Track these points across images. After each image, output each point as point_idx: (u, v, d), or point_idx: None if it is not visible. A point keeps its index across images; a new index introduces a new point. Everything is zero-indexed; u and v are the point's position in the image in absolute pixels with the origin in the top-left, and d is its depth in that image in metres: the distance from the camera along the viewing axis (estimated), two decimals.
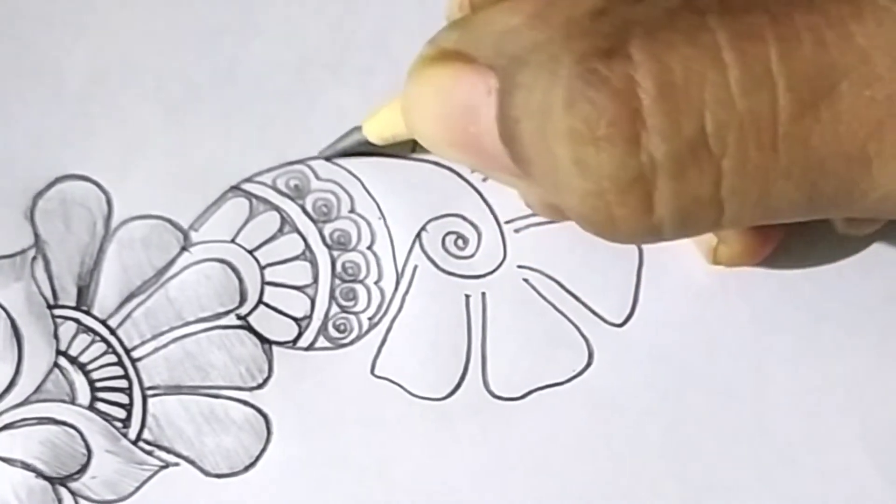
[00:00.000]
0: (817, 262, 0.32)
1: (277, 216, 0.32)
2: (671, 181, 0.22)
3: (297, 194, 0.32)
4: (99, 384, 0.31)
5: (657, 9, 0.22)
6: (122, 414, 0.31)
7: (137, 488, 0.31)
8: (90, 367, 0.31)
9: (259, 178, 0.32)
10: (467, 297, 0.32)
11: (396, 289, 0.32)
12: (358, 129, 0.31)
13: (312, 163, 0.33)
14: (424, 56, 0.25)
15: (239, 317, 0.32)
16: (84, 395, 0.31)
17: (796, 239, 0.32)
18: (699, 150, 0.22)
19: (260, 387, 0.31)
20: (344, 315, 0.32)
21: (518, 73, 0.23)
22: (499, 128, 0.24)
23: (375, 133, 0.31)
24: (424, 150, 0.31)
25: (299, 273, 0.32)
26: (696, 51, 0.22)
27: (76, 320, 0.31)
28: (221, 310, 0.32)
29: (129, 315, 0.32)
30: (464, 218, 0.32)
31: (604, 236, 0.24)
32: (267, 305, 0.32)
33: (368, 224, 0.32)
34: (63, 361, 0.31)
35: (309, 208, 0.32)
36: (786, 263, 0.32)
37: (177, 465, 0.31)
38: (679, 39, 0.22)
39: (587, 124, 0.22)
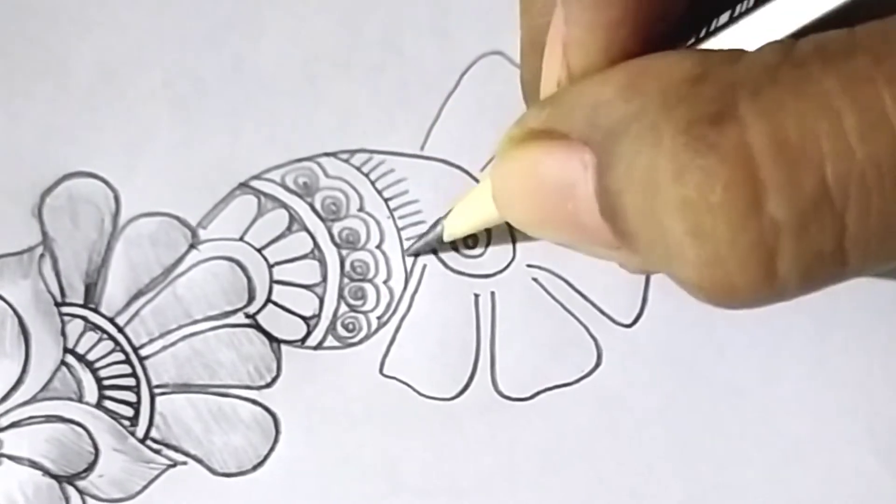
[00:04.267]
0: None
1: (286, 214, 0.32)
2: (794, 240, 0.22)
3: (305, 192, 0.32)
4: (106, 382, 0.31)
5: (757, 68, 0.22)
6: (129, 412, 0.31)
7: (145, 487, 0.31)
8: (98, 364, 0.31)
9: (267, 176, 0.32)
10: (476, 296, 0.32)
11: (405, 288, 0.32)
12: (440, 222, 0.31)
13: (321, 160, 0.32)
14: (512, 136, 0.25)
15: (247, 315, 0.32)
16: (91, 393, 0.31)
17: None
18: (821, 204, 0.21)
19: (268, 386, 0.31)
20: (353, 314, 0.32)
21: (616, 145, 0.22)
22: (599, 203, 0.23)
23: (459, 224, 0.31)
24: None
25: (308, 272, 0.32)
26: (806, 104, 0.21)
27: (84, 318, 0.31)
28: (229, 308, 0.32)
29: (136, 313, 0.31)
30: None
31: (723, 305, 0.23)
32: (275, 304, 0.32)
33: (377, 223, 0.32)
34: (70, 359, 0.31)
35: (318, 206, 0.32)
36: None
37: (184, 463, 0.31)
38: (787, 95, 0.21)
39: (701, 193, 0.21)
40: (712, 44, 0.24)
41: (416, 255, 0.32)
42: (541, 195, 0.24)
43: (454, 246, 0.32)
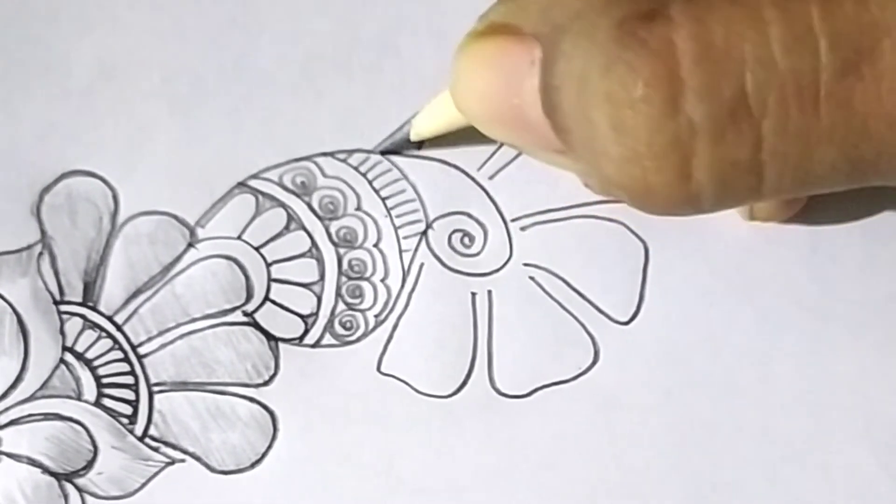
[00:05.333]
0: (821, 260, 0.32)
1: (284, 213, 0.32)
2: (710, 145, 0.22)
3: (303, 191, 0.32)
4: (105, 380, 0.31)
5: None
6: (128, 410, 0.31)
7: (143, 484, 0.31)
8: (96, 363, 0.31)
9: (265, 175, 0.32)
10: (473, 294, 0.32)
11: (403, 286, 0.32)
12: (409, 121, 0.31)
13: (319, 159, 0.33)
14: (473, 31, 0.25)
15: (245, 313, 0.32)
16: (90, 391, 0.31)
17: (800, 238, 0.32)
18: (739, 111, 0.22)
19: (266, 383, 0.31)
20: (350, 312, 0.32)
21: (560, 41, 0.23)
22: (541, 97, 0.23)
23: (426, 124, 0.31)
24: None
25: (306, 270, 0.32)
26: (736, 10, 0.21)
27: (82, 316, 0.31)
28: (228, 306, 0.32)
29: (135, 311, 0.32)
30: (470, 216, 0.32)
31: (641, 206, 0.23)
32: (273, 302, 0.32)
33: (375, 221, 0.32)
34: (69, 357, 0.31)
35: (315, 205, 0.32)
36: (790, 262, 0.32)
37: (183, 461, 0.31)
38: (720, 0, 0.21)
39: (624, 87, 0.22)
40: None
41: (384, 153, 0.32)
42: (491, 90, 0.25)
43: (419, 145, 0.32)
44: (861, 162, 0.23)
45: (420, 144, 0.32)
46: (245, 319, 0.32)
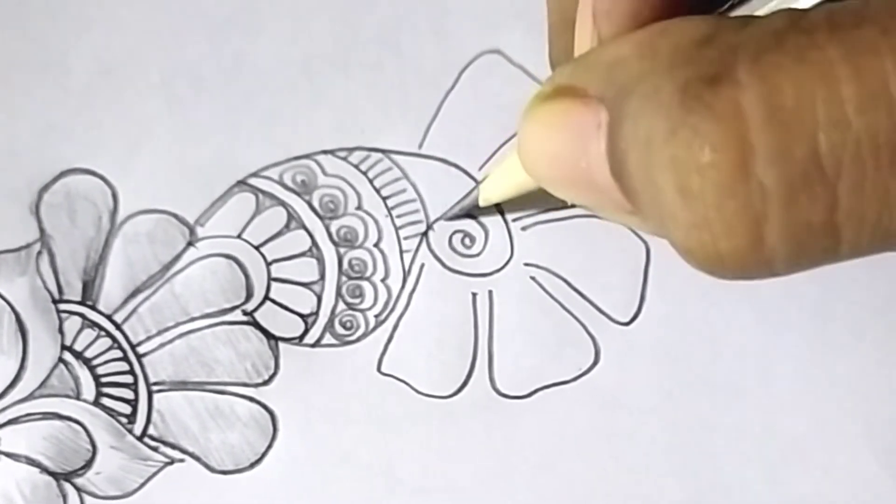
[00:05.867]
0: None
1: (284, 212, 0.32)
2: (783, 208, 0.21)
3: (303, 189, 0.32)
4: (104, 379, 0.31)
5: (763, 32, 0.21)
6: (127, 409, 0.31)
7: (142, 484, 0.31)
8: (95, 362, 0.31)
9: (265, 173, 0.32)
10: (474, 295, 0.32)
11: (403, 286, 0.32)
12: (477, 186, 0.31)
13: (319, 157, 0.32)
14: (539, 93, 0.25)
15: (245, 312, 0.32)
16: (89, 390, 0.31)
17: None
18: (812, 173, 0.21)
19: (266, 383, 0.31)
20: (350, 312, 0.32)
21: (625, 104, 0.22)
22: (609, 160, 0.23)
23: (494, 188, 0.31)
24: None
25: (306, 269, 0.32)
26: (806, 69, 0.21)
27: (81, 315, 0.31)
28: (227, 305, 0.32)
29: (134, 310, 0.31)
30: (470, 216, 0.32)
31: (712, 272, 0.23)
32: (273, 301, 0.32)
33: (375, 221, 0.32)
34: (68, 356, 0.31)
35: (316, 204, 0.32)
36: None
37: (182, 461, 0.31)
38: (788, 59, 0.21)
39: (690, 152, 0.21)
40: (742, 11, 0.24)
41: (452, 219, 0.32)
42: (558, 153, 0.24)
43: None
44: None
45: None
46: (245, 319, 0.32)
